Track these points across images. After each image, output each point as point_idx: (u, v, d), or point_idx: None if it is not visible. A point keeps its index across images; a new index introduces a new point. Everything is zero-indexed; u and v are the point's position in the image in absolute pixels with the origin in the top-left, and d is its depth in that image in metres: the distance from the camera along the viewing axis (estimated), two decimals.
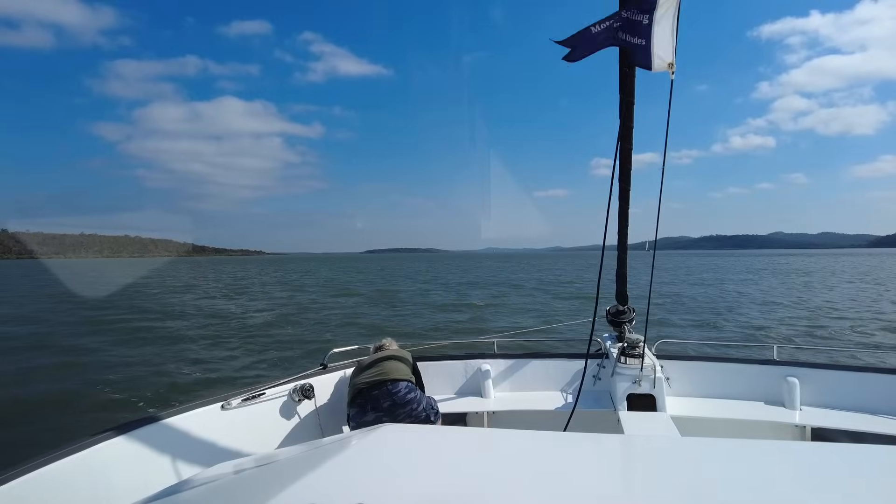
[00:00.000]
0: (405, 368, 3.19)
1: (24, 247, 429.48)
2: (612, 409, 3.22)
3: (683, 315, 16.47)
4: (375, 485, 1.24)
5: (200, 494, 1.32)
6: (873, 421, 3.02)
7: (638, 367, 3.20)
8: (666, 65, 2.52)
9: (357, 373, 3.21)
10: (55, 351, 11.55)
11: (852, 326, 13.67)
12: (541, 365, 3.80)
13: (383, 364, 3.16)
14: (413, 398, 2.97)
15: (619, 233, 3.42)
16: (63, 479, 1.98)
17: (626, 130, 3.01)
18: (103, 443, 2.18)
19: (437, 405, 3.19)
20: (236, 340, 12.70)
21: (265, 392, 3.03)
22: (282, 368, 9.65)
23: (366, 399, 2.95)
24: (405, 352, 3.45)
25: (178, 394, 7.84)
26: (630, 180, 3.18)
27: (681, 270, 47.69)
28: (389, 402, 2.91)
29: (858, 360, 8.01)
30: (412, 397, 2.97)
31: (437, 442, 1.59)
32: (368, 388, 2.97)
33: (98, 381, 8.58)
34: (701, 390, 3.49)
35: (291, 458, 1.58)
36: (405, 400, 2.92)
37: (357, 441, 1.59)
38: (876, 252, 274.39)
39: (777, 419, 3.16)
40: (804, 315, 16.01)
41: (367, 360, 3.26)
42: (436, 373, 3.77)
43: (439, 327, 14.74)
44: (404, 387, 2.98)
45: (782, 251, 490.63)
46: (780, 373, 3.36)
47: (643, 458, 1.44)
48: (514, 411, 3.51)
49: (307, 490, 1.17)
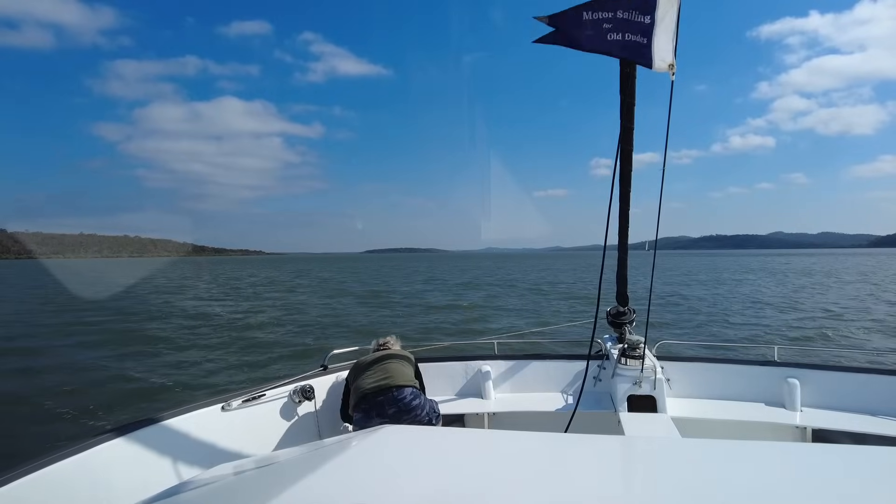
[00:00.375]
0: (409, 372, 3.11)
1: (22, 246, 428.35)
2: (613, 411, 3.21)
3: (683, 315, 16.47)
4: (376, 486, 1.24)
5: (201, 496, 1.32)
6: (874, 422, 3.02)
7: (638, 369, 3.19)
8: (666, 66, 2.52)
9: (357, 372, 3.13)
10: (18, 354, 11.16)
11: (858, 328, 13.60)
12: (541, 366, 3.80)
13: (386, 366, 3.08)
14: (418, 404, 2.92)
15: (620, 234, 3.41)
16: (63, 481, 1.98)
17: (627, 131, 3.00)
18: (103, 444, 2.18)
19: (438, 408, 3.16)
20: (218, 344, 12.25)
21: (265, 393, 3.03)
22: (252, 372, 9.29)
23: (370, 405, 2.90)
24: (408, 353, 3.37)
25: (142, 401, 7.46)
26: (630, 181, 3.18)
27: (680, 271, 47.45)
28: (395, 408, 2.86)
29: (859, 361, 8.00)
30: (417, 403, 2.92)
31: (438, 443, 1.59)
32: (374, 394, 2.91)
33: (47, 389, 8.11)
34: (701, 391, 3.49)
35: (292, 460, 1.58)
36: (410, 406, 2.88)
37: (358, 442, 1.59)
38: (876, 252, 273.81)
39: (778, 420, 3.15)
40: (805, 316, 15.95)
41: (368, 359, 3.17)
42: (436, 374, 3.77)
43: (429, 328, 14.55)
44: (409, 393, 2.92)
45: (782, 251, 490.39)
46: (780, 374, 3.35)
47: (644, 460, 1.44)
48: (515, 412, 3.50)
49: (308, 491, 1.17)
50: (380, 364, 3.11)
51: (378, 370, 3.06)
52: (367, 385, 2.97)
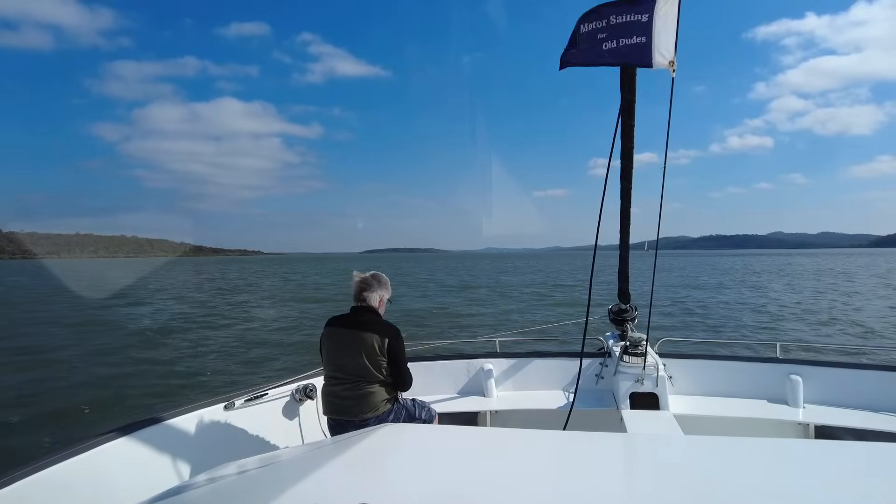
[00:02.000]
0: (378, 391, 2.53)
1: (17, 246, 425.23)
2: (615, 408, 3.21)
3: (685, 313, 16.44)
4: (379, 484, 1.24)
5: (204, 495, 1.31)
6: (877, 418, 3.02)
7: (640, 366, 3.19)
8: (667, 62, 2.51)
9: (324, 356, 2.63)
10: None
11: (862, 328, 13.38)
12: (543, 364, 3.80)
13: (349, 384, 2.52)
14: (386, 418, 2.54)
15: (622, 231, 3.40)
16: (66, 481, 1.97)
17: (627, 129, 3.00)
18: (106, 444, 2.18)
19: (423, 408, 2.81)
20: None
21: (268, 392, 3.02)
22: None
23: (335, 432, 2.61)
24: (381, 320, 2.61)
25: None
26: (632, 179, 3.17)
27: (677, 272, 46.95)
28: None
29: (862, 357, 7.99)
30: (390, 421, 2.54)
31: (441, 441, 1.59)
32: (336, 425, 2.59)
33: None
34: (704, 388, 3.49)
35: (295, 459, 1.58)
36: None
37: (360, 441, 1.58)
38: (878, 252, 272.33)
39: (780, 417, 3.15)
40: (811, 319, 15.55)
41: (331, 345, 2.61)
42: (439, 372, 3.76)
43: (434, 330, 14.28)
44: (372, 423, 2.47)
45: (783, 251, 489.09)
46: (783, 371, 3.35)
47: (646, 457, 1.44)
48: (517, 410, 3.50)
49: (311, 490, 1.16)
50: (340, 363, 2.57)
51: (340, 384, 2.56)
52: (329, 412, 2.62)
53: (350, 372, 2.55)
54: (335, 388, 2.60)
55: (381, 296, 2.67)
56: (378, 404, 2.55)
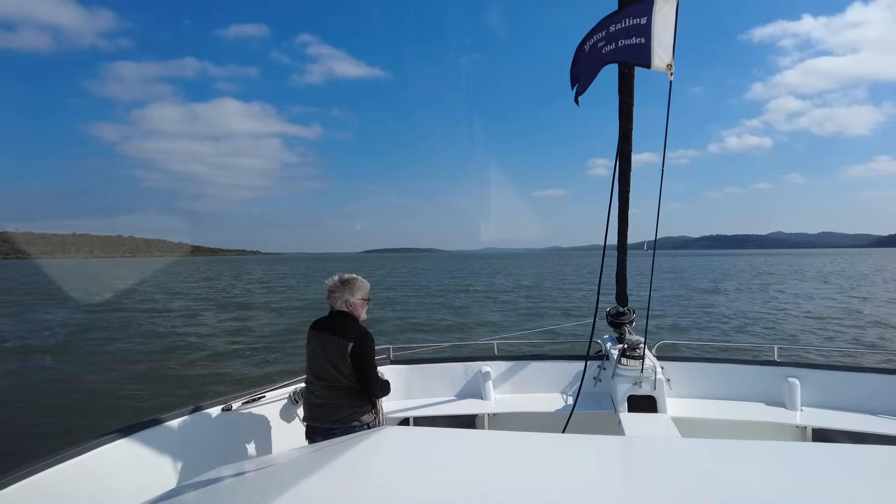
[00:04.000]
0: (345, 397, 2.51)
1: (11, 246, 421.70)
2: (613, 411, 3.21)
3: (683, 315, 16.43)
4: (377, 487, 1.24)
5: (202, 497, 1.31)
6: (874, 421, 3.02)
7: (638, 369, 3.19)
8: (665, 65, 2.52)
9: (308, 357, 2.62)
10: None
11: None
12: (541, 367, 3.80)
13: (318, 388, 2.53)
14: (355, 427, 2.49)
15: (619, 234, 3.41)
16: (63, 483, 1.97)
17: (626, 132, 3.00)
18: (104, 446, 2.18)
19: (373, 415, 2.61)
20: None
21: (265, 395, 3.02)
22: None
23: (309, 437, 2.61)
24: (348, 325, 2.55)
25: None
26: (630, 181, 3.18)
27: (676, 273, 46.19)
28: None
29: (859, 360, 8.01)
30: (355, 426, 2.50)
31: (439, 444, 1.59)
32: (309, 429, 2.61)
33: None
34: (702, 391, 3.49)
35: (293, 461, 1.58)
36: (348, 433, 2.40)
37: (358, 443, 1.59)
38: (881, 252, 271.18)
39: (778, 420, 3.16)
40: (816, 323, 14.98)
41: (308, 349, 2.62)
42: (437, 375, 3.76)
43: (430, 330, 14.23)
44: (340, 432, 2.43)
45: (784, 251, 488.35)
46: (780, 373, 3.36)
47: (644, 460, 1.44)
48: (515, 413, 3.50)
49: (309, 493, 1.16)
50: (312, 363, 2.59)
51: (311, 380, 2.60)
52: (307, 418, 2.63)
53: (320, 376, 2.55)
54: (308, 393, 2.64)
55: (346, 299, 2.59)
56: (346, 412, 2.50)
